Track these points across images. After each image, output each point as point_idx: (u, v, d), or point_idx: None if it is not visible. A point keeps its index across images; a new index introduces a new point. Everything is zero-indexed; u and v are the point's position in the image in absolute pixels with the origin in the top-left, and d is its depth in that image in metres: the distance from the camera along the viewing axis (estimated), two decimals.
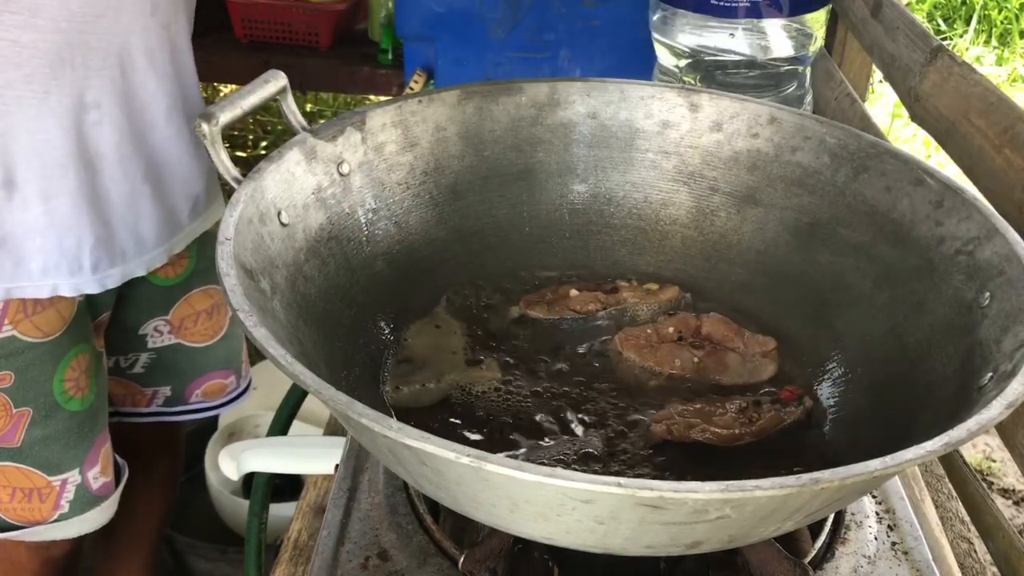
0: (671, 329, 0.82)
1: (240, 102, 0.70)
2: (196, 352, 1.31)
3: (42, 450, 1.10)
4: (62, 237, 1.03)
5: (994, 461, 2.24)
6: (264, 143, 3.22)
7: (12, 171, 0.98)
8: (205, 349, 1.32)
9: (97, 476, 1.16)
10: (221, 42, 2.11)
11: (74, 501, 1.15)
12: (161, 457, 1.45)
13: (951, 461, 1.00)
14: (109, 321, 1.21)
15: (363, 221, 0.80)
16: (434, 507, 0.72)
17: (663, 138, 0.89)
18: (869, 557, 0.69)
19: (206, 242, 1.24)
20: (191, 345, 1.30)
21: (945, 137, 1.00)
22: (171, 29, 1.07)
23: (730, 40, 1.17)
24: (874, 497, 0.75)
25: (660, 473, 0.69)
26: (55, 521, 1.14)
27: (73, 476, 1.13)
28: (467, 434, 0.72)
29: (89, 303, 1.13)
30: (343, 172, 0.78)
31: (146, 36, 1.03)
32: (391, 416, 0.50)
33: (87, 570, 1.49)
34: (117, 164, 1.05)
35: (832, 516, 0.72)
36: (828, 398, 0.77)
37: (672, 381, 0.79)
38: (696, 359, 0.80)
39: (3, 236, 1.00)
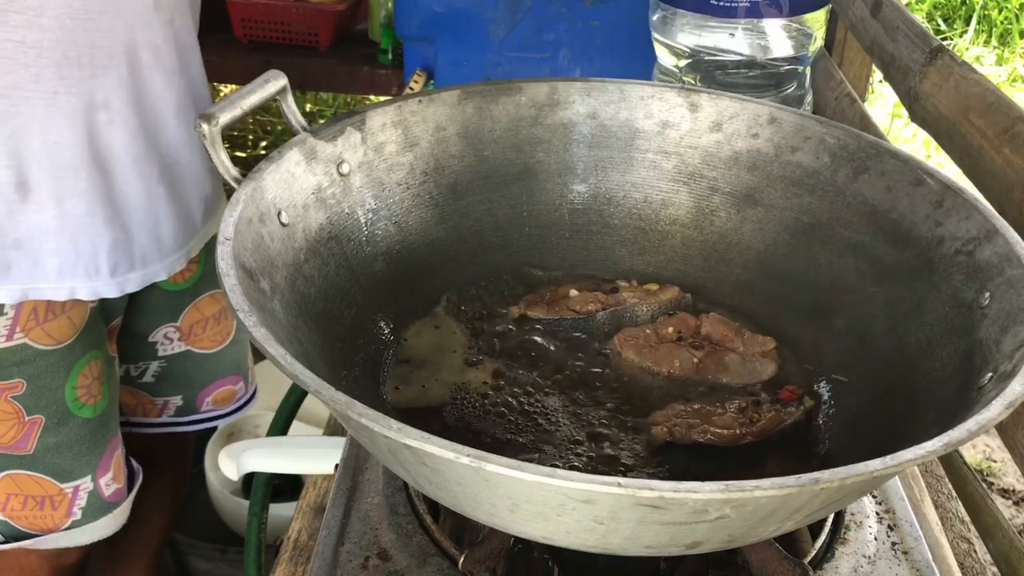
0: (670, 329, 0.82)
1: (240, 102, 0.70)
2: (206, 359, 1.31)
3: (55, 458, 1.10)
4: (77, 239, 1.02)
5: (994, 461, 2.24)
6: (264, 143, 3.22)
7: (25, 173, 0.98)
8: (215, 355, 1.31)
9: (110, 483, 1.16)
10: (221, 42, 2.11)
11: (87, 508, 1.14)
12: (169, 465, 1.44)
13: (951, 461, 1.00)
14: (120, 329, 1.20)
15: (363, 221, 0.80)
16: (434, 507, 0.72)
17: (663, 138, 0.89)
18: (869, 557, 0.69)
19: (213, 245, 1.23)
20: (201, 352, 1.30)
21: (945, 137, 1.00)
22: (175, 25, 1.07)
23: (730, 40, 1.17)
24: (874, 497, 0.75)
25: (660, 473, 0.69)
26: (67, 528, 1.14)
27: (85, 483, 1.13)
28: (467, 434, 0.72)
29: (102, 308, 1.13)
30: (343, 172, 0.78)
31: (150, 32, 1.03)
32: (391, 416, 0.50)
33: (89, 570, 1.49)
34: (131, 165, 1.05)
35: (832, 516, 0.72)
36: (828, 398, 0.77)
37: (672, 381, 0.79)
38: (696, 359, 0.80)
39: (18, 237, 1.00)
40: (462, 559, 0.65)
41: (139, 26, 1.01)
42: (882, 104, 3.49)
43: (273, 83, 0.72)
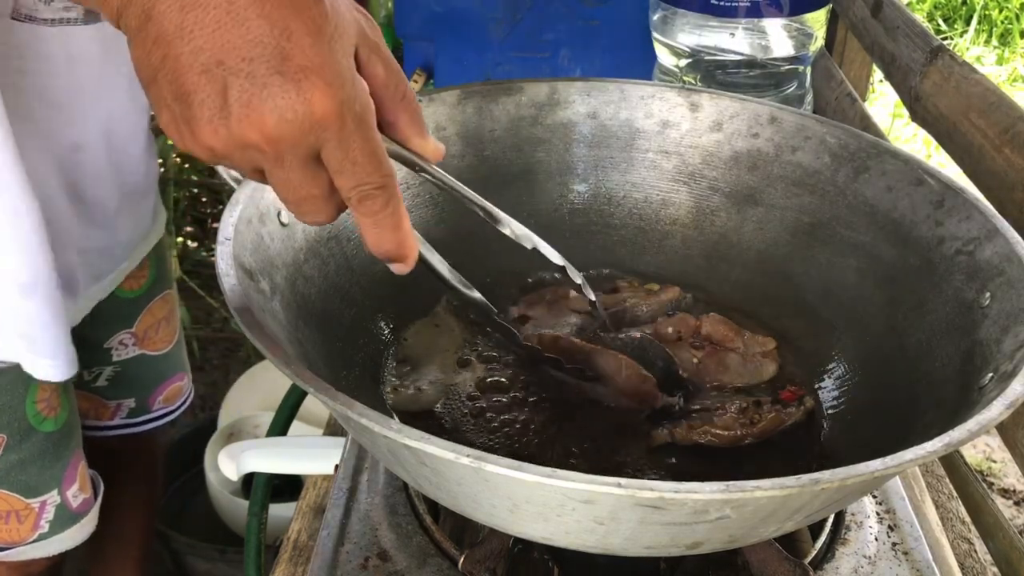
0: (670, 329, 0.82)
1: None
2: (157, 360, 1.31)
3: (19, 474, 1.08)
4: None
5: (994, 461, 2.24)
6: None
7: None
8: (165, 355, 1.32)
9: (76, 494, 1.15)
10: None
11: (54, 520, 1.13)
12: (136, 462, 1.44)
13: (951, 461, 1.00)
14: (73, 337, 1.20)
15: None
16: (434, 507, 0.72)
17: (663, 138, 0.89)
18: (869, 557, 0.69)
19: (159, 250, 1.23)
20: (153, 354, 1.30)
21: (945, 137, 1.00)
22: None
23: (730, 40, 1.17)
24: (874, 497, 0.75)
25: (660, 473, 0.69)
26: (34, 541, 1.13)
27: (52, 497, 1.12)
28: (466, 435, 0.72)
29: None
30: None
31: (131, 75, 1.02)
32: (390, 417, 0.50)
33: (81, 572, 1.49)
34: (97, 196, 1.04)
35: (832, 516, 0.72)
36: (829, 398, 0.77)
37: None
38: (695, 359, 0.80)
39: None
40: (462, 559, 0.64)
41: (124, 70, 1.00)
42: (882, 104, 3.49)
43: None
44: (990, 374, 0.61)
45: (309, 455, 0.90)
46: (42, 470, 1.10)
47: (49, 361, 1.00)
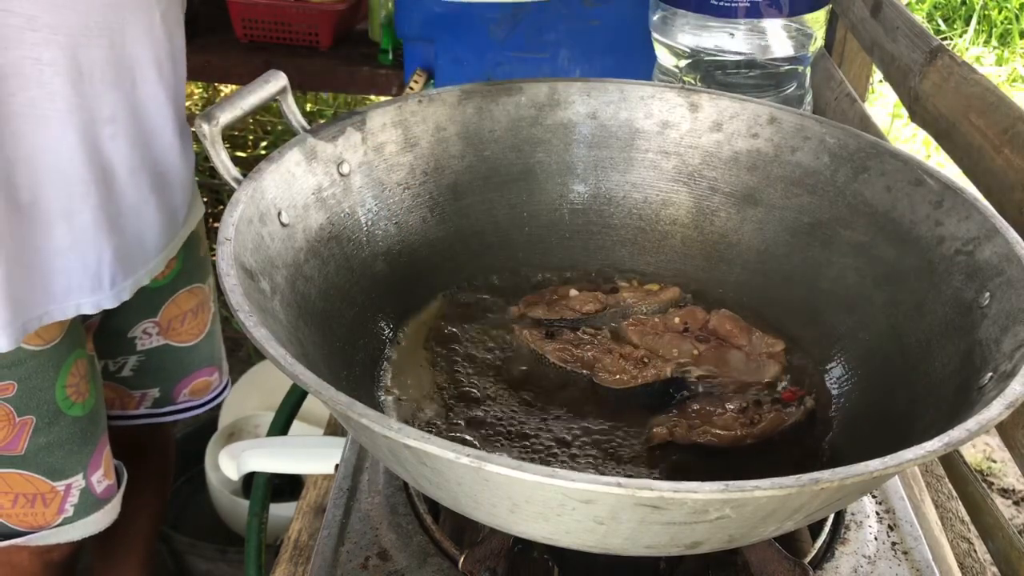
0: (678, 320, 0.82)
1: (240, 102, 0.70)
2: (183, 352, 1.32)
3: (46, 457, 1.10)
4: (84, 255, 1.03)
5: (994, 461, 2.24)
6: (264, 143, 3.22)
7: (37, 193, 0.97)
8: (192, 348, 1.33)
9: (101, 479, 1.16)
10: (221, 42, 2.11)
11: (79, 505, 1.15)
12: (152, 455, 1.45)
13: (951, 461, 1.00)
14: (98, 327, 1.21)
15: (363, 221, 0.80)
16: (434, 507, 0.72)
17: (663, 138, 0.89)
18: (869, 557, 0.69)
19: (190, 242, 1.24)
20: (178, 345, 1.31)
21: (945, 137, 1.00)
22: (174, 41, 1.08)
23: (730, 40, 1.17)
24: (874, 497, 0.75)
25: (660, 473, 0.69)
26: (59, 525, 1.14)
27: (77, 481, 1.13)
28: (466, 435, 0.72)
29: None
30: (343, 172, 0.78)
31: (155, 48, 1.04)
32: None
33: (85, 569, 1.49)
34: (128, 177, 1.05)
35: (832, 516, 0.72)
36: (828, 398, 0.77)
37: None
38: (696, 351, 0.80)
39: (30, 261, 0.99)
40: (462, 559, 0.65)
41: (146, 42, 1.02)
42: (882, 104, 3.49)
43: (273, 83, 0.72)
44: (990, 374, 0.61)
45: (309, 455, 0.90)
46: (69, 454, 1.12)
47: None
